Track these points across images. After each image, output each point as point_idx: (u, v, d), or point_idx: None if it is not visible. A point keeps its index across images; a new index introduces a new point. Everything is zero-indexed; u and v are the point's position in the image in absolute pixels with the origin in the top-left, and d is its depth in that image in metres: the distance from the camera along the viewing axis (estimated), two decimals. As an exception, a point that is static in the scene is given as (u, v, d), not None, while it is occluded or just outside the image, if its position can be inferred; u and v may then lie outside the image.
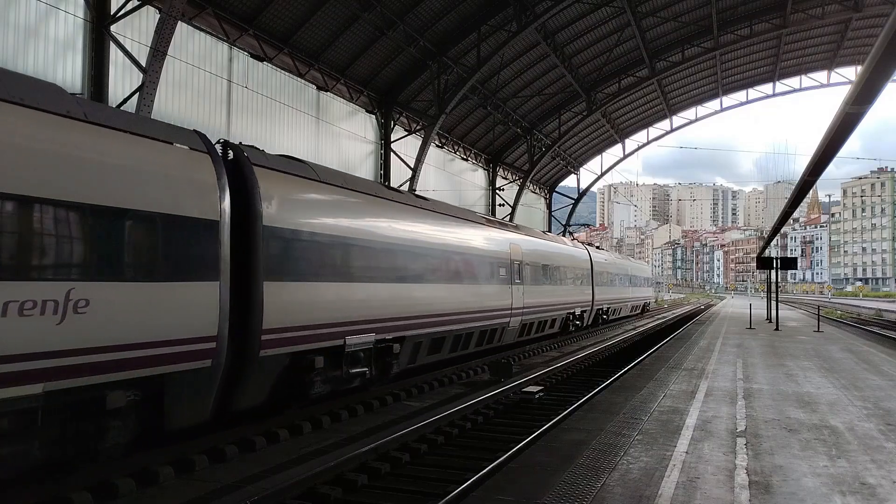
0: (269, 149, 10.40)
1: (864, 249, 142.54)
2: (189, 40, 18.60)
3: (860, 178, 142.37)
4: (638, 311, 43.55)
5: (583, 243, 30.82)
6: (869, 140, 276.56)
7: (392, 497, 6.91)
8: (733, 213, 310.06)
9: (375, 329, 11.05)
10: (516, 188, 41.48)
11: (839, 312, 46.71)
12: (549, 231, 43.85)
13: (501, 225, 18.86)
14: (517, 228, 20.53)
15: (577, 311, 25.45)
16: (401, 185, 26.98)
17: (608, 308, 32.10)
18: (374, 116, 27.81)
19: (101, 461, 6.72)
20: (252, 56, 20.89)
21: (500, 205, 38.72)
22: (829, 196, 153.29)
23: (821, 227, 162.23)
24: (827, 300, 76.87)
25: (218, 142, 8.83)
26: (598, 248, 36.06)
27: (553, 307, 21.83)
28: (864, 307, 52.10)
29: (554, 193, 50.51)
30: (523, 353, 19.97)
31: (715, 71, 39.80)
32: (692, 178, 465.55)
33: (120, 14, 15.95)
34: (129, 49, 15.85)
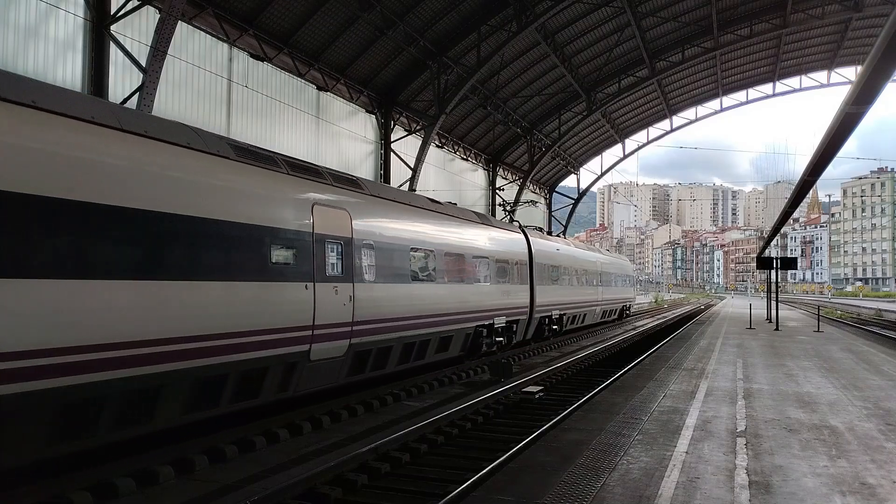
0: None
1: (864, 249, 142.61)
2: (189, 40, 18.60)
3: (860, 178, 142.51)
4: (614, 317, 36.19)
5: (521, 228, 21.77)
6: (866, 140, 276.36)
7: (392, 497, 6.90)
8: (733, 213, 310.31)
9: None
10: (516, 188, 41.49)
11: (839, 312, 46.72)
12: (550, 231, 43.60)
13: (302, 170, 10.20)
14: (354, 185, 11.60)
15: (499, 323, 17.30)
16: (401, 185, 26.99)
17: (561, 315, 23.82)
18: (374, 116, 27.81)
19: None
20: (252, 56, 20.89)
21: (499, 205, 38.73)
22: (829, 196, 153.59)
23: (821, 227, 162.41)
24: (827, 300, 76.93)
25: None
26: (550, 234, 27.56)
27: (438, 319, 13.73)
28: (864, 307, 52.14)
29: (554, 193, 50.54)
30: (523, 353, 19.96)
31: (715, 71, 39.82)
32: (689, 178, 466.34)
33: (120, 14, 15.95)
34: (130, 49, 15.86)
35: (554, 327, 23.37)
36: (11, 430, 5.97)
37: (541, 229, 25.76)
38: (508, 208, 27.07)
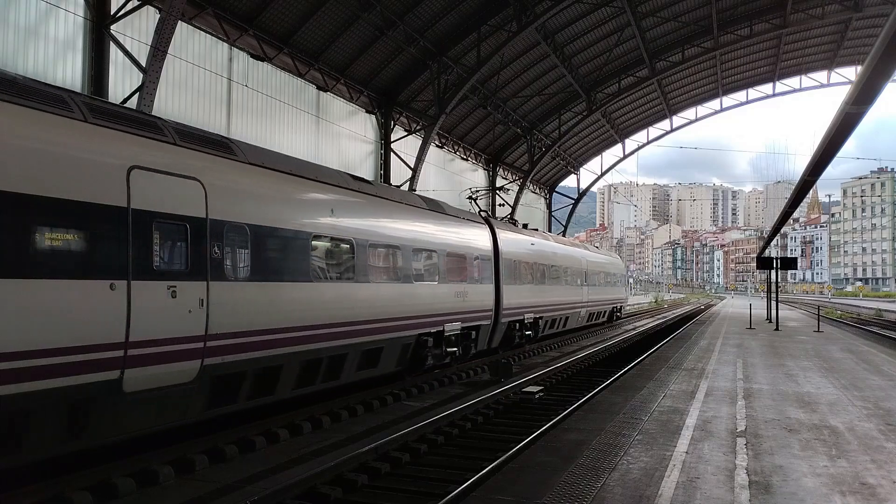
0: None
1: (864, 249, 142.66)
2: (189, 40, 18.59)
3: (860, 178, 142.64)
4: (603, 319, 33.31)
5: (486, 219, 18.64)
6: (865, 140, 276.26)
7: (392, 497, 6.91)
8: (733, 213, 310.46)
9: None
10: (516, 188, 41.48)
11: (839, 312, 46.73)
12: (548, 228, 43.50)
13: (117, 118, 7.22)
14: (219, 147, 8.54)
15: (452, 330, 14.66)
16: (401, 185, 27.00)
17: (536, 319, 20.84)
18: (374, 116, 27.80)
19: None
20: (252, 56, 20.88)
21: (500, 205, 38.72)
22: (829, 196, 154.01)
23: (821, 227, 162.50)
24: (827, 300, 76.94)
25: None
26: (525, 227, 23.73)
27: (357, 328, 10.96)
28: (863, 307, 52.15)
29: (554, 193, 50.52)
30: (523, 353, 19.96)
31: (715, 71, 39.81)
32: (688, 178, 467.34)
33: (120, 14, 15.94)
34: (130, 49, 15.85)
35: (527, 333, 20.25)
36: None
37: (514, 221, 23.04)
38: (472, 194, 22.54)
